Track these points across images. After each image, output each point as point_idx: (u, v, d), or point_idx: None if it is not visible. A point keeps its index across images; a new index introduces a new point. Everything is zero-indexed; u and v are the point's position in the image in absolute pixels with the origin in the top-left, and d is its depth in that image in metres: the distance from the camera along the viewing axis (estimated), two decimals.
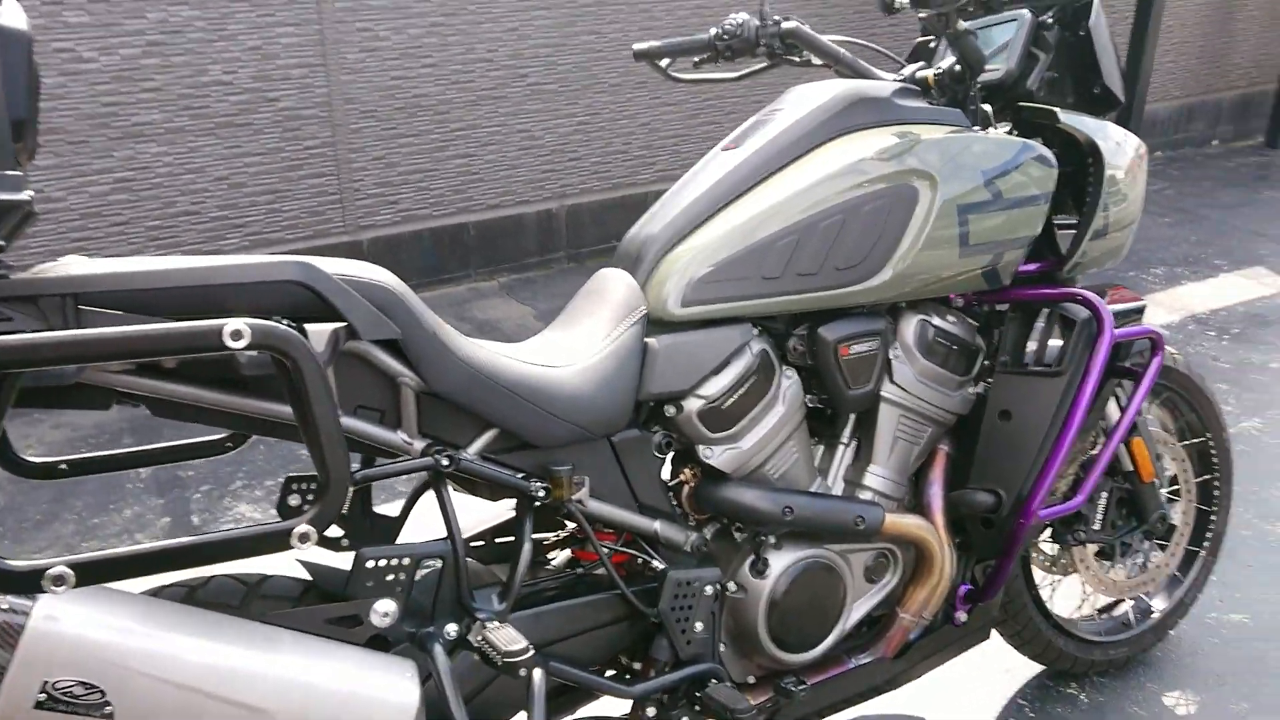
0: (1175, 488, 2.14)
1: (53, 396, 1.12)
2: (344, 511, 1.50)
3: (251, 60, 3.82)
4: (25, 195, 1.02)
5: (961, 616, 1.76)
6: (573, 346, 1.48)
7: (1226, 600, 2.42)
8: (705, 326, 1.51)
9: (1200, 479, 2.19)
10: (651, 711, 1.49)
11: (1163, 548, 2.13)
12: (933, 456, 1.75)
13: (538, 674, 1.30)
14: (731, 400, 1.51)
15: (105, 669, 1.03)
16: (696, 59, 1.96)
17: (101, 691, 1.02)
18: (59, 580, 0.98)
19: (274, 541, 1.09)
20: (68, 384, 1.08)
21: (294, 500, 1.46)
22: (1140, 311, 1.78)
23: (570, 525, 1.60)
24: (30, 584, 0.97)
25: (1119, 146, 1.76)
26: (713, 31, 1.88)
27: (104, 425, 3.32)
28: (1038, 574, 2.04)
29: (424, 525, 1.61)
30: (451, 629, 1.29)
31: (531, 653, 1.22)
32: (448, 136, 4.31)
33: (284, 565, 1.35)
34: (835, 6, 5.11)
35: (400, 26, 4.07)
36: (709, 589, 1.50)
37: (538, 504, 1.38)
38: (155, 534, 2.70)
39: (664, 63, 2.04)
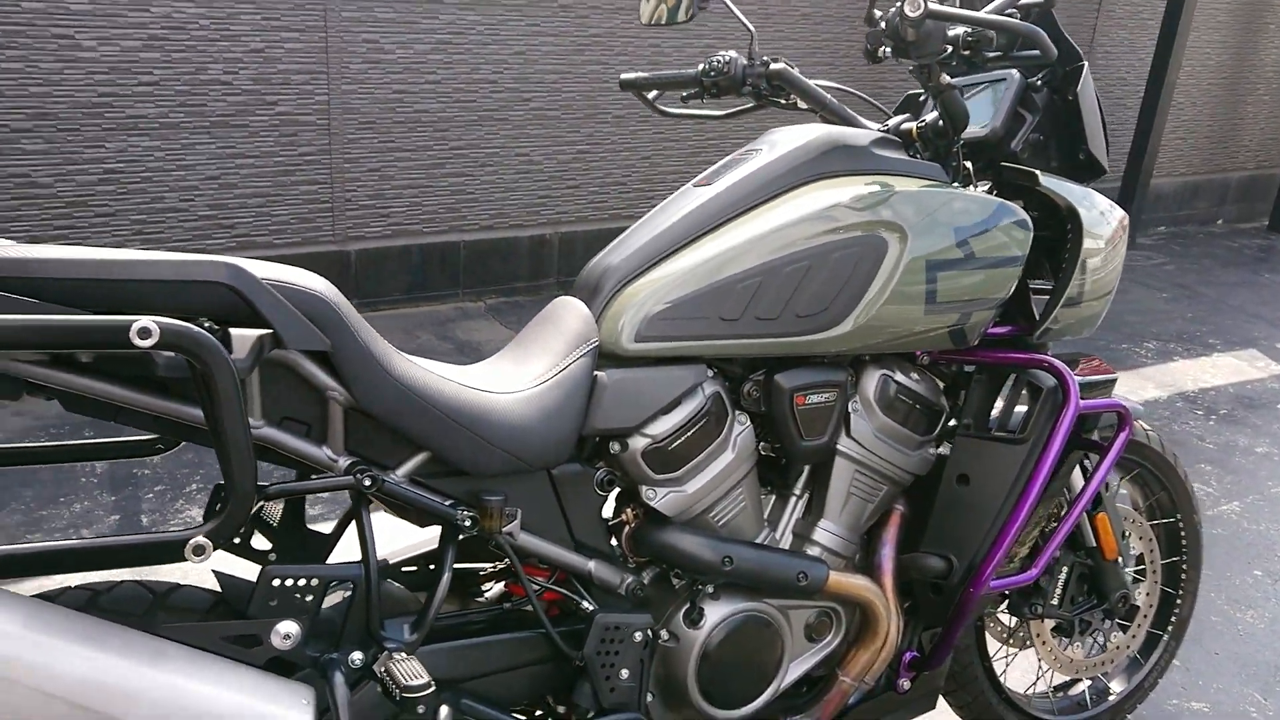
0: (1141, 567, 2.08)
1: None
2: (274, 525, 1.45)
3: (253, 62, 3.81)
4: None
5: (905, 684, 1.70)
6: (518, 374, 1.44)
7: (1189, 688, 2.35)
8: (658, 364, 1.46)
9: (1167, 560, 2.13)
10: None
11: (1124, 628, 2.07)
12: (887, 516, 1.69)
13: (444, 712, 1.24)
14: (679, 441, 1.46)
15: None
16: (684, 94, 1.93)
17: None
18: None
19: (167, 552, 1.04)
20: None
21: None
22: (1110, 384, 1.73)
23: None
24: None
25: (1101, 216, 1.72)
26: (700, 67, 1.85)
27: (67, 416, 3.26)
28: (993, 645, 1.98)
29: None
30: (357, 657, 1.23)
31: (431, 689, 1.16)
32: (445, 154, 4.29)
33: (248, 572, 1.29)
34: (830, 51, 5.12)
35: (406, 41, 4.06)
36: (638, 635, 1.44)
37: (464, 534, 1.33)
38: (101, 532, 2.64)
39: (651, 95, 2.02)
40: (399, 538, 1.58)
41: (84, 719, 1.00)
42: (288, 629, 1.17)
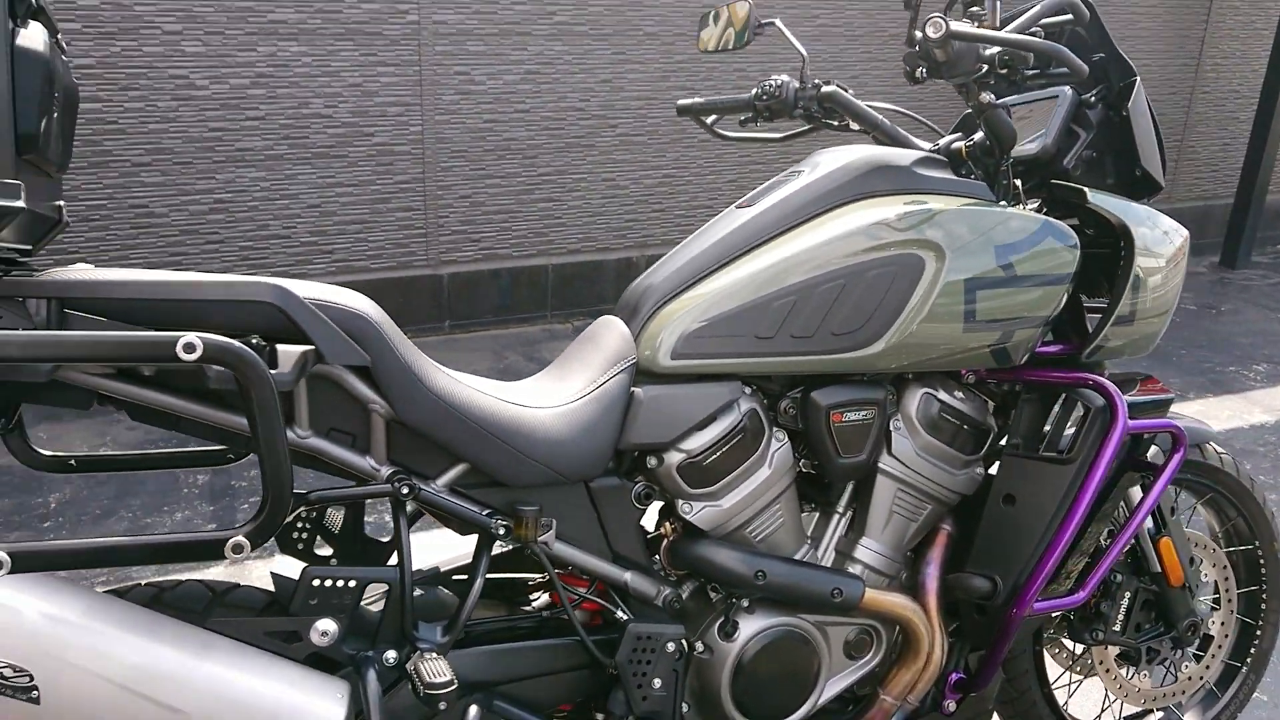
0: (1217, 595, 2.01)
1: (31, 391, 1.18)
2: (335, 532, 1.54)
3: (352, 96, 4.00)
4: (19, 203, 1.08)
5: (950, 705, 1.68)
6: (557, 390, 1.49)
7: None
8: (694, 381, 1.50)
9: (1246, 589, 2.05)
10: None
11: (1198, 658, 2.00)
12: (934, 535, 1.69)
13: (473, 712, 1.30)
14: (713, 457, 1.49)
15: (37, 655, 1.07)
16: (741, 118, 1.97)
17: (30, 676, 1.06)
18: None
19: (210, 549, 1.12)
20: (41, 380, 1.14)
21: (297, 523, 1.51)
22: (1166, 404, 1.69)
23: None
24: None
25: (1164, 235, 1.69)
26: (754, 91, 1.89)
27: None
28: (1054, 671, 1.94)
29: (421, 551, 1.63)
30: (390, 655, 1.30)
31: (453, 688, 1.22)
32: (534, 180, 4.42)
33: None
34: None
35: (496, 73, 4.20)
36: (670, 645, 1.47)
37: (498, 541, 1.39)
38: None
39: (710, 120, 2.06)
40: (455, 545, 1.65)
41: (134, 703, 1.09)
42: (326, 626, 1.25)
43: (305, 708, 1.17)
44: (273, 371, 1.18)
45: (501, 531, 1.38)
